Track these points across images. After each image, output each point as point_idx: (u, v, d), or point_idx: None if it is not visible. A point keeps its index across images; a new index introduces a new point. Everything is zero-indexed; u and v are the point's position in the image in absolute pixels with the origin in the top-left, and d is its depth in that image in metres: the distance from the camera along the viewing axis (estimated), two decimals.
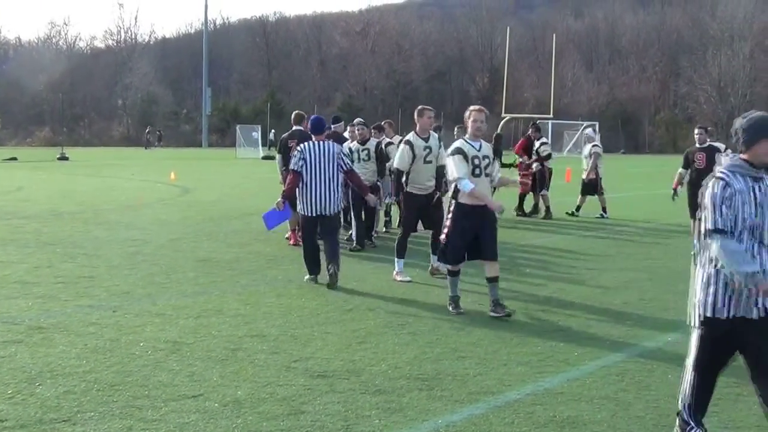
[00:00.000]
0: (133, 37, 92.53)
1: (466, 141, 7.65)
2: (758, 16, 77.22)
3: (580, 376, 5.68)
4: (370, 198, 9.73)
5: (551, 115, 50.17)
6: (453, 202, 7.63)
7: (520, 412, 4.96)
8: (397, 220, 13.93)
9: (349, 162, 9.37)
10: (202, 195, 21.09)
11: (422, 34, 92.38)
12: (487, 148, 7.77)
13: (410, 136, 9.40)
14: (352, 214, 12.00)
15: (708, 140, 12.67)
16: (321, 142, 9.07)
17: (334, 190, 8.98)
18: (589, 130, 18.04)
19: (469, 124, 7.65)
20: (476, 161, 7.53)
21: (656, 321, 7.40)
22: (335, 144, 9.37)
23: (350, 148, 11.97)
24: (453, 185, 7.61)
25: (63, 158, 41.86)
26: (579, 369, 5.87)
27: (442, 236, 7.67)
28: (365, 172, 11.79)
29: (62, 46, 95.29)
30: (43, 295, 8.14)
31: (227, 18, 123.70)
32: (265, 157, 42.47)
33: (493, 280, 7.60)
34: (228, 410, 4.92)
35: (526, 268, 10.18)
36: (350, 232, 12.10)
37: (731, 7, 77.53)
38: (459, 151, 7.51)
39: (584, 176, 16.57)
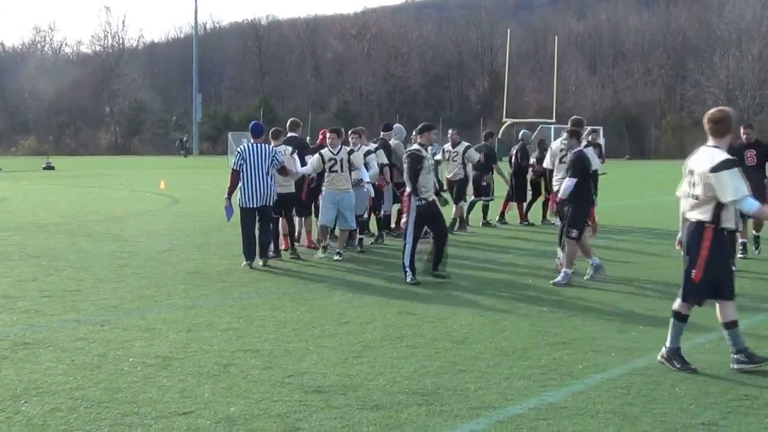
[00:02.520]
0: (120, 42, 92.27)
1: None
2: (767, 16, 75.92)
3: (585, 390, 5.55)
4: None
5: (554, 120, 50.17)
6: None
7: (523, 427, 4.84)
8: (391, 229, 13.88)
9: (281, 159, 10.87)
10: (192, 205, 20.92)
11: (420, 38, 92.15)
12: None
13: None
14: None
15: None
16: (258, 144, 10.70)
17: (270, 185, 10.64)
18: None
19: None
20: None
21: (663, 332, 7.19)
22: (268, 146, 10.96)
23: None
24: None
25: (49, 168, 41.65)
26: (583, 382, 5.73)
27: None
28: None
29: (47, 51, 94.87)
30: (28, 310, 7.97)
31: (218, 22, 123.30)
32: None
33: None
34: (220, 427, 4.79)
35: (528, 279, 10.05)
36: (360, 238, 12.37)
37: (739, 7, 76.26)
38: None
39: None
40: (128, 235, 14.29)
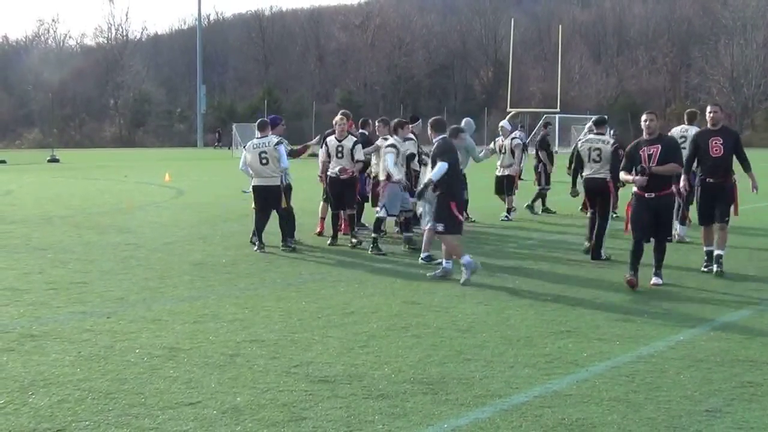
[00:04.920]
0: (124, 34, 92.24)
1: None
2: None
3: (590, 378, 5.56)
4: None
5: (558, 109, 50.03)
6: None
7: (528, 415, 4.84)
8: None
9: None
10: (197, 196, 20.94)
11: (424, 27, 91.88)
12: None
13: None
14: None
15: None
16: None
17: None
18: (504, 122, 16.24)
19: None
20: None
21: (667, 320, 7.27)
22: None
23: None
24: None
25: (53, 160, 41.70)
26: (588, 370, 5.74)
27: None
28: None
29: (51, 44, 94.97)
30: (35, 302, 7.99)
31: (221, 13, 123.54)
32: None
33: None
34: (227, 417, 4.81)
35: (533, 267, 10.05)
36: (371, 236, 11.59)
37: None
38: None
39: (500, 173, 15.51)
40: (134, 227, 14.31)
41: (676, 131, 12.04)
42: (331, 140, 11.84)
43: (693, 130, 11.40)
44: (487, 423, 4.72)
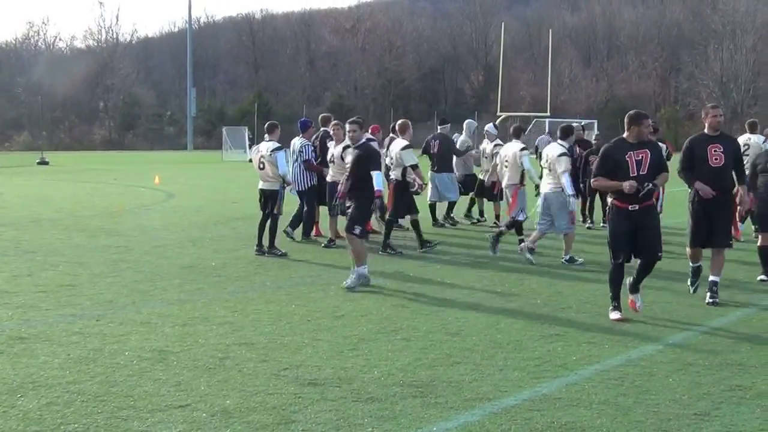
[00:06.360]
0: (114, 36, 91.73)
1: None
2: (761, 9, 75.60)
3: (579, 381, 5.58)
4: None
5: (548, 113, 50.20)
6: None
7: (517, 418, 4.86)
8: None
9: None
10: (187, 200, 20.88)
11: (414, 31, 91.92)
12: None
13: None
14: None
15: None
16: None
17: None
18: (489, 126, 15.79)
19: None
20: None
21: (656, 324, 7.30)
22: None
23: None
24: None
25: (43, 163, 41.54)
26: (577, 374, 5.76)
27: None
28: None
29: (41, 46, 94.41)
30: (24, 305, 7.95)
31: (212, 16, 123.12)
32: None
33: None
34: (216, 420, 4.80)
35: (522, 272, 10.07)
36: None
37: None
38: None
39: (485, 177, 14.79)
40: (123, 230, 14.26)
41: (741, 140, 11.45)
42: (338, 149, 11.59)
43: (756, 139, 11.23)
44: (476, 426, 4.74)
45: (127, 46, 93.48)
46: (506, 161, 12.09)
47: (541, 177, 11.18)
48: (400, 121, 12.38)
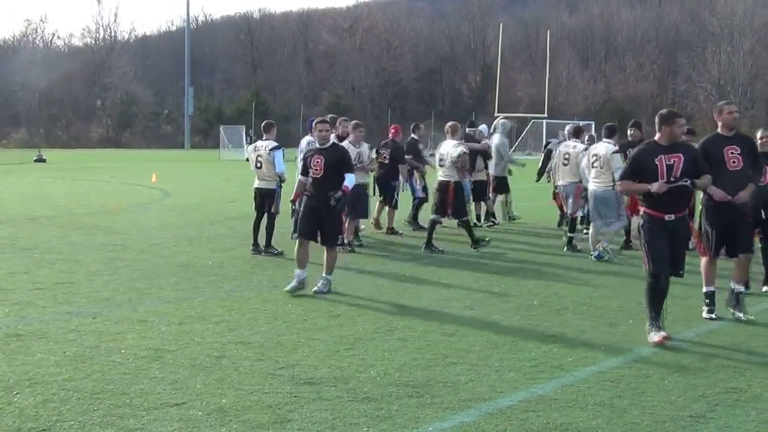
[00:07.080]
0: (112, 34, 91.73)
1: None
2: (759, 12, 75.83)
3: (575, 383, 5.58)
4: None
5: (545, 114, 50.25)
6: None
7: (513, 419, 4.86)
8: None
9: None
10: (183, 198, 20.87)
11: (412, 31, 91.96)
12: None
13: None
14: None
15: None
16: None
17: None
18: (482, 126, 15.69)
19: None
20: None
21: None
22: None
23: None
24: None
25: (40, 160, 41.50)
26: (573, 375, 5.77)
27: None
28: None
29: (39, 44, 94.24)
30: (20, 302, 7.95)
31: (210, 15, 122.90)
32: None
33: None
34: (212, 419, 4.80)
35: (519, 272, 10.09)
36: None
37: (731, 2, 76.07)
38: None
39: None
40: (120, 228, 14.25)
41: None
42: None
43: None
44: (472, 427, 4.74)
45: (124, 44, 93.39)
46: (566, 159, 11.89)
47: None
48: (450, 123, 12.31)
